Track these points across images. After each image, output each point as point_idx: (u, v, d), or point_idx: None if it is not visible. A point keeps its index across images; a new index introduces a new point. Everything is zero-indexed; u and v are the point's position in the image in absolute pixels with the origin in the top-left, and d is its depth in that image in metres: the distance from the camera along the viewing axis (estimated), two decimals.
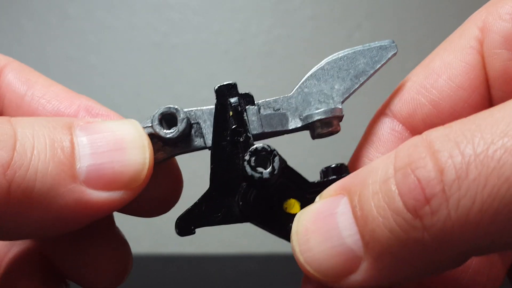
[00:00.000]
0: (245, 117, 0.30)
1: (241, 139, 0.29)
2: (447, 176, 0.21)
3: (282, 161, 0.29)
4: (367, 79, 0.31)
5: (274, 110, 0.31)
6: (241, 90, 0.30)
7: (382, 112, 0.33)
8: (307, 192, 0.29)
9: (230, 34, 1.03)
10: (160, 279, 0.89)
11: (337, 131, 0.31)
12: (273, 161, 0.28)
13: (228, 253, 0.92)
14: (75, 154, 0.26)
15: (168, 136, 0.29)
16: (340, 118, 0.31)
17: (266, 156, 0.29)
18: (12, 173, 0.24)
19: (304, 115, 0.31)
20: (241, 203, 0.29)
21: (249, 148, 0.29)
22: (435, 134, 0.22)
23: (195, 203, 0.30)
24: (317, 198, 0.27)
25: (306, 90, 0.31)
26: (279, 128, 0.31)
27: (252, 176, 0.28)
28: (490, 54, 0.30)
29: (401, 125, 0.32)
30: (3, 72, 0.34)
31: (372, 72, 0.31)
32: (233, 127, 0.30)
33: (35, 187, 0.25)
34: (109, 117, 0.34)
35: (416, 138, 0.23)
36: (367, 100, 1.03)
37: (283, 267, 0.83)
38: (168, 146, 0.30)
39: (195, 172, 0.72)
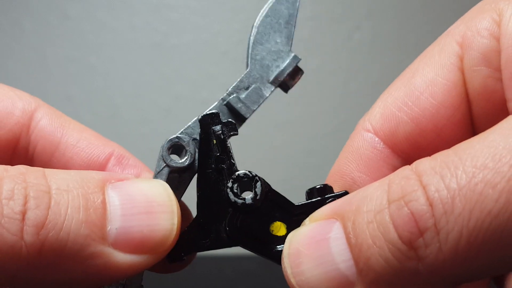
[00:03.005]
0: (228, 145, 0.31)
1: (225, 166, 0.30)
2: (436, 211, 0.22)
3: (266, 186, 0.30)
4: (296, 18, 0.33)
5: (246, 89, 0.32)
6: None
7: (363, 128, 0.34)
8: (293, 214, 0.30)
9: (230, 34, 1.03)
10: (160, 279, 0.89)
11: (303, 73, 0.33)
12: (255, 187, 0.29)
13: (228, 253, 0.92)
14: (106, 215, 0.26)
15: (186, 164, 0.31)
16: (298, 61, 0.33)
17: (249, 182, 0.30)
18: (45, 232, 0.24)
19: (271, 78, 0.33)
20: (227, 228, 0.30)
21: (233, 174, 0.30)
22: (422, 167, 0.23)
23: (184, 231, 0.30)
24: (307, 221, 0.28)
25: (258, 57, 0.33)
26: (261, 100, 0.33)
27: (235, 202, 0.29)
28: (470, 71, 0.30)
29: (382, 143, 0.33)
30: (35, 116, 0.34)
31: (296, 12, 0.33)
32: (217, 154, 0.30)
33: (66, 247, 0.25)
34: (137, 168, 0.35)
35: (407, 170, 0.24)
36: (362, 102, 1.03)
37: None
38: (185, 173, 0.31)
39: None
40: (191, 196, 0.32)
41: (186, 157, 0.31)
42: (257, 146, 1.00)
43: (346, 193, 0.30)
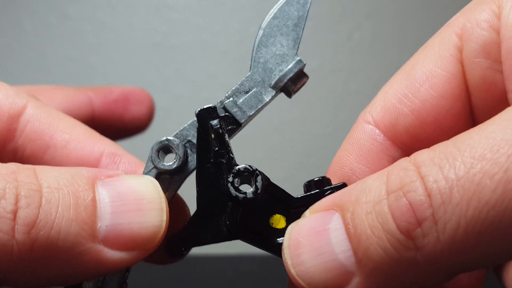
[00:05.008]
0: (227, 139, 0.30)
1: (224, 161, 0.30)
2: (434, 201, 0.22)
3: (265, 179, 0.30)
4: (306, 20, 0.32)
5: (245, 93, 0.31)
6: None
7: (364, 120, 0.34)
8: (292, 207, 0.30)
9: (230, 34, 1.03)
10: (160, 279, 0.89)
11: (307, 78, 0.32)
12: (256, 181, 0.29)
13: (228, 253, 0.92)
14: (96, 213, 0.26)
15: (174, 167, 0.30)
16: (303, 67, 0.32)
17: (249, 176, 0.29)
18: (36, 231, 0.24)
19: (273, 82, 0.31)
20: (228, 222, 0.30)
21: (232, 168, 0.30)
22: (421, 158, 0.23)
23: (184, 226, 0.31)
24: (307, 212, 0.28)
25: (261, 60, 0.32)
26: (260, 105, 0.31)
27: (236, 196, 0.29)
28: (469, 63, 0.30)
29: (382, 135, 0.33)
30: (21, 120, 0.34)
31: (306, 14, 0.32)
32: (215, 149, 0.30)
33: (57, 245, 0.25)
34: (131, 165, 0.34)
35: (406, 162, 0.24)
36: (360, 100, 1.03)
37: (283, 268, 0.83)
38: (176, 175, 0.31)
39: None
40: (189, 191, 0.32)
41: (174, 160, 0.30)
42: (256, 146, 1.00)
43: (344, 185, 0.30)
